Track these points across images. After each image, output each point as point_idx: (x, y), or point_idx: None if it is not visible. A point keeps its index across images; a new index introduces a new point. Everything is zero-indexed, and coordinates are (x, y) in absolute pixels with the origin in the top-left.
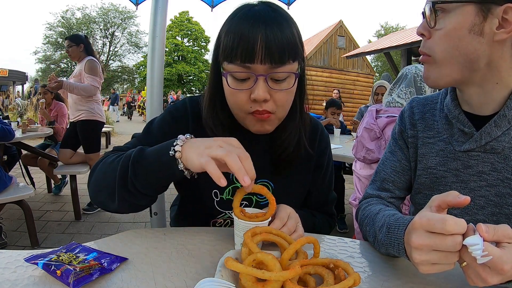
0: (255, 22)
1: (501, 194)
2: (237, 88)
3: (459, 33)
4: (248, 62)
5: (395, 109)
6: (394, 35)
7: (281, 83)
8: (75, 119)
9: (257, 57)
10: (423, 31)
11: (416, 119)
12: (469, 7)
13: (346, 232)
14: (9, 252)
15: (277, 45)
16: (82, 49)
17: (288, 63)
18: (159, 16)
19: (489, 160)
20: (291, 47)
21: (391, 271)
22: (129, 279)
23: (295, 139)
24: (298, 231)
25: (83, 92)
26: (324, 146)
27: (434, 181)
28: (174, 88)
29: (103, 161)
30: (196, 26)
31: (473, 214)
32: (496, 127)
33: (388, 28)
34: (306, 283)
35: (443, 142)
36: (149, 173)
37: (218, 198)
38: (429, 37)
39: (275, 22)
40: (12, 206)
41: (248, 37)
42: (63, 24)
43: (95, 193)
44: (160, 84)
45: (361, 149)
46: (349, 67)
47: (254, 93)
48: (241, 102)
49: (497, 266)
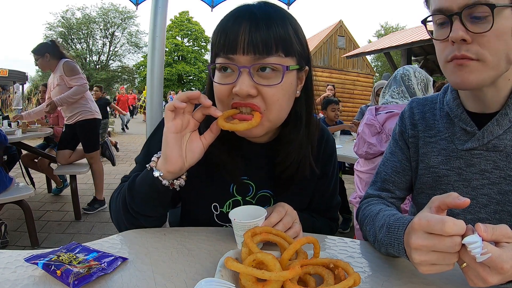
0: (240, 15)
1: (503, 192)
2: (221, 83)
3: (505, 36)
4: (231, 53)
5: (393, 106)
6: (394, 35)
7: (268, 78)
8: (72, 121)
9: (239, 47)
10: (465, 35)
11: (417, 119)
12: (507, 11)
13: (347, 232)
14: (9, 252)
15: (261, 35)
16: (49, 58)
17: (276, 55)
18: (159, 16)
19: (492, 158)
20: (280, 38)
21: (391, 271)
22: (129, 279)
23: (299, 156)
24: (294, 228)
25: (76, 96)
26: (330, 153)
27: (436, 180)
28: (174, 88)
29: (114, 196)
30: (196, 26)
31: (476, 212)
32: (498, 125)
33: (388, 28)
34: (306, 283)
35: (445, 141)
36: (141, 196)
37: (218, 211)
38: (471, 41)
39: (264, 14)
40: (12, 206)
41: (232, 28)
42: (63, 24)
43: (118, 225)
44: (160, 84)
45: (362, 145)
46: (349, 67)
47: (236, 86)
48: (224, 96)
49: (497, 265)
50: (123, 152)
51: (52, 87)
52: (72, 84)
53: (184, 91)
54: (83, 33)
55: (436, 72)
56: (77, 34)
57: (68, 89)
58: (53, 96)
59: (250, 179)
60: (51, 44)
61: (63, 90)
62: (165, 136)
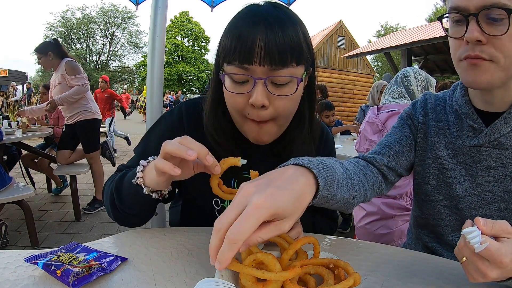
0: (255, 21)
1: (508, 190)
2: (235, 92)
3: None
4: (247, 63)
5: (394, 105)
6: (394, 35)
7: (282, 88)
8: (73, 121)
9: (256, 57)
10: (481, 37)
11: (429, 108)
12: None
13: (347, 232)
14: (9, 252)
15: (277, 45)
16: (52, 57)
17: (290, 66)
18: (159, 16)
19: (498, 155)
20: (294, 48)
21: (391, 271)
22: (129, 279)
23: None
24: (296, 229)
25: (77, 96)
26: (329, 152)
27: (443, 172)
28: (174, 88)
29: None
30: (196, 26)
31: (480, 209)
32: (506, 123)
33: (388, 28)
34: (306, 283)
35: (453, 135)
36: (127, 198)
37: (219, 206)
38: (485, 42)
39: (278, 20)
40: (12, 206)
41: (247, 36)
42: (63, 24)
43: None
44: (160, 84)
45: (364, 142)
46: (349, 67)
47: (252, 97)
48: (239, 106)
49: (496, 259)
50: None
51: (54, 85)
52: (73, 83)
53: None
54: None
55: (436, 72)
56: (77, 34)
57: (69, 88)
58: (54, 95)
59: (250, 174)
60: (54, 43)
61: (64, 89)
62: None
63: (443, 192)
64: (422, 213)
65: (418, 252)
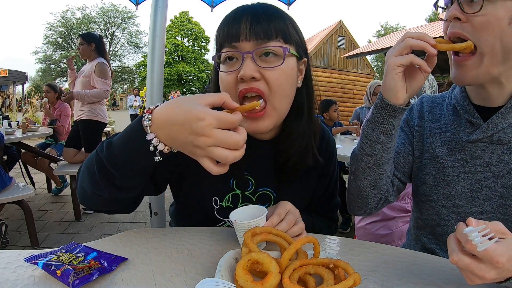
0: (242, 11)
1: (507, 186)
2: (226, 71)
3: (501, 23)
4: (234, 41)
5: None
6: (394, 35)
7: (270, 60)
8: (77, 117)
9: (242, 34)
10: (459, 14)
11: (424, 111)
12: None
13: (347, 232)
14: (9, 252)
15: (262, 23)
16: (92, 49)
17: (276, 40)
18: (159, 16)
19: (496, 151)
20: (279, 26)
21: (391, 271)
22: (129, 279)
23: (302, 145)
24: (299, 224)
25: (95, 98)
26: (331, 153)
27: (441, 171)
28: (174, 88)
29: (86, 160)
30: (196, 26)
31: (480, 205)
32: (503, 118)
33: (388, 28)
34: (306, 283)
35: (450, 132)
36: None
37: (218, 205)
38: (465, 21)
39: (264, 10)
40: (12, 206)
41: (234, 20)
42: (63, 24)
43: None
44: (160, 84)
45: None
46: (349, 67)
47: (241, 71)
48: (231, 84)
49: (493, 259)
50: None
51: (80, 75)
52: (96, 85)
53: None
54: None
55: (436, 72)
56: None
57: (89, 86)
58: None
59: (249, 174)
60: (99, 38)
61: (85, 84)
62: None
63: (441, 192)
64: (422, 214)
65: (418, 252)
